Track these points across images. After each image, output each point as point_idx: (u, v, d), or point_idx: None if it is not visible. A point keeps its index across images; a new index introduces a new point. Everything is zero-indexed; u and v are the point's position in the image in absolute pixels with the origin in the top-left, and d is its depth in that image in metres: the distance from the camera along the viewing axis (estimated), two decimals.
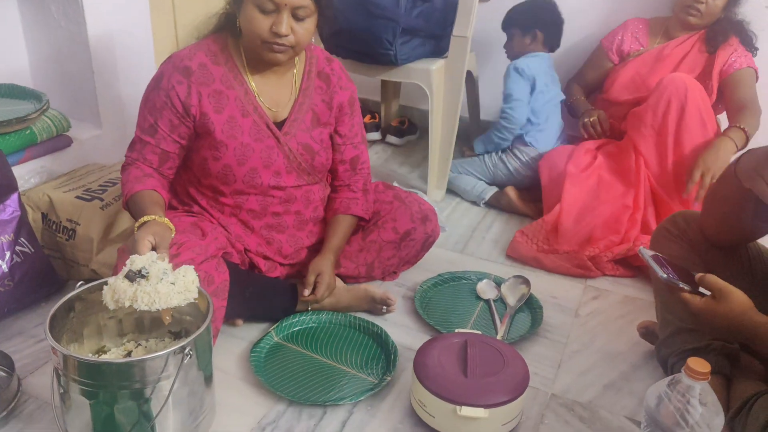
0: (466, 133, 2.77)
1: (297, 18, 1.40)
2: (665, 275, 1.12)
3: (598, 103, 2.37)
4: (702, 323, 1.18)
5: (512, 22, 2.37)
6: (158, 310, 1.13)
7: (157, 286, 1.12)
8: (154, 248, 1.21)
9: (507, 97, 2.27)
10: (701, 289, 1.12)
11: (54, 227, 1.71)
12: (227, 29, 1.52)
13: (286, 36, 1.39)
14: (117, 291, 1.13)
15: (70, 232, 1.68)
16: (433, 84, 2.19)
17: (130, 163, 1.50)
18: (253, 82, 1.52)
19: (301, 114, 1.56)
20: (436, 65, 2.20)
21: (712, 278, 1.11)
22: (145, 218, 1.30)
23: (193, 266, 1.22)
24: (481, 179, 2.35)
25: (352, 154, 1.67)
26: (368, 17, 2.11)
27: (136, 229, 1.30)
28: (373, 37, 2.11)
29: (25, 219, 1.63)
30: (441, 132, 2.29)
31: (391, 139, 2.85)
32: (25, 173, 1.82)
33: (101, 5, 1.97)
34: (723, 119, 2.10)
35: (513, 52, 2.38)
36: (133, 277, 1.14)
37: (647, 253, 1.18)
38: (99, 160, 2.03)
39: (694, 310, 1.12)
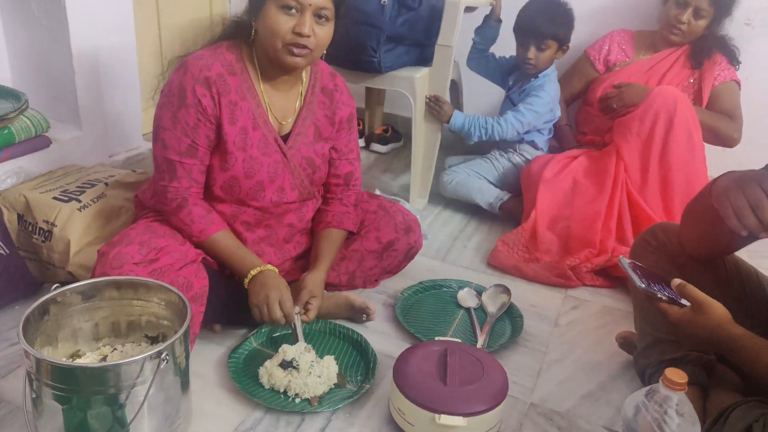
0: (450, 142, 2.78)
1: (318, 21, 1.40)
2: (643, 284, 1.13)
3: (583, 115, 2.40)
4: (680, 334, 1.18)
5: (551, 33, 2.14)
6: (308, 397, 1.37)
7: (307, 379, 1.37)
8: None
9: (530, 111, 2.19)
10: (681, 300, 1.13)
11: (30, 228, 1.69)
12: (240, 38, 1.49)
13: (308, 37, 1.38)
14: (273, 377, 1.38)
15: (47, 234, 1.65)
16: (417, 92, 2.20)
17: (184, 195, 1.45)
18: (265, 95, 1.50)
19: (304, 128, 1.56)
20: (420, 73, 2.20)
21: (692, 289, 1.11)
22: (254, 271, 1.46)
23: (333, 356, 1.45)
24: (487, 180, 2.32)
25: (346, 170, 1.67)
26: (353, 24, 2.10)
27: (247, 281, 1.46)
28: (358, 44, 2.11)
29: (0, 220, 1.60)
30: (424, 140, 2.30)
31: (375, 147, 2.85)
32: (2, 173, 1.79)
33: (83, 3, 1.95)
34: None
35: (540, 67, 2.21)
36: (286, 366, 1.38)
37: (626, 262, 1.19)
38: (78, 161, 2.00)
39: (672, 321, 1.13)
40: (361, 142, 2.88)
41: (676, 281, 1.14)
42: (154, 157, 1.48)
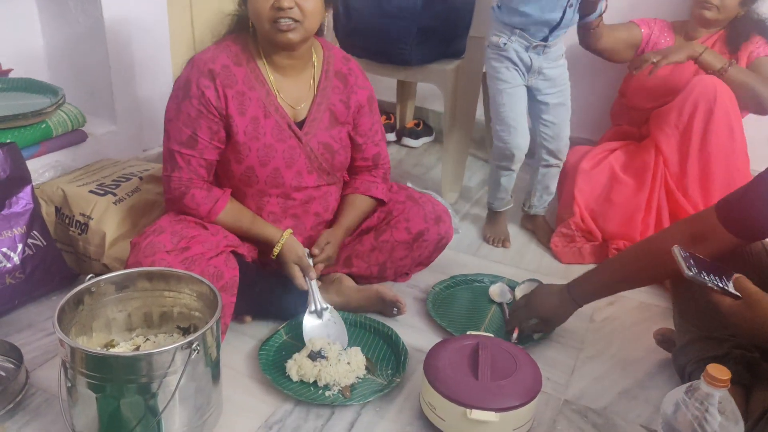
0: (480, 135, 2.75)
1: None
2: (691, 272, 1.09)
3: (619, 107, 2.34)
4: (731, 325, 1.15)
5: None
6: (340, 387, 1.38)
7: (337, 366, 1.37)
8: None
9: None
10: (733, 291, 1.10)
11: (67, 221, 1.72)
12: (243, 30, 1.51)
13: (290, 8, 1.36)
14: (303, 368, 1.38)
15: (83, 227, 1.68)
16: (449, 85, 2.17)
17: (187, 184, 1.48)
18: (274, 82, 1.50)
19: (319, 114, 1.55)
20: (452, 66, 2.18)
21: (744, 282, 1.08)
22: (277, 249, 1.52)
23: (359, 348, 1.45)
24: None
25: (373, 152, 1.67)
26: (384, 17, 2.10)
27: (275, 253, 1.52)
28: (389, 36, 2.10)
29: (38, 212, 1.64)
30: (456, 134, 2.27)
31: (407, 141, 2.84)
32: (40, 167, 1.83)
33: (119, 1, 1.98)
34: (749, 125, 2.05)
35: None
36: (315, 357, 1.39)
37: (680, 252, 1.14)
38: (113, 156, 2.04)
39: (723, 311, 1.10)
40: (393, 137, 2.87)
41: (736, 275, 1.11)
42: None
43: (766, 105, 1.98)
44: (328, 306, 1.54)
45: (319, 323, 1.51)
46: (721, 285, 1.10)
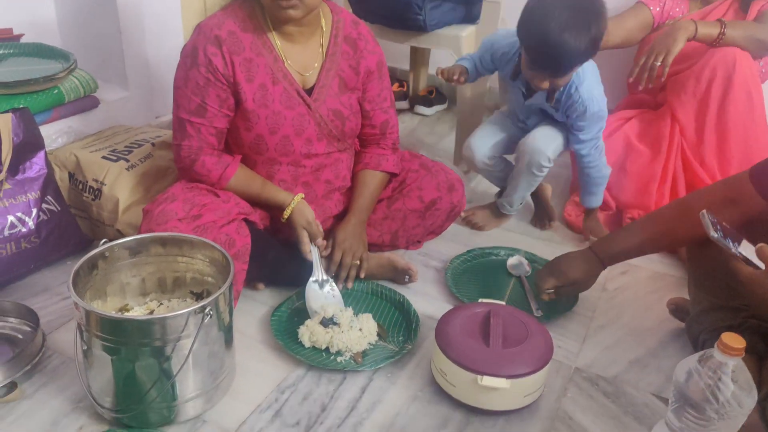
0: (495, 104, 2.71)
1: None
2: (716, 234, 1.09)
3: None
4: (748, 294, 1.14)
5: (581, 57, 1.57)
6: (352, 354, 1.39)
7: (349, 333, 1.39)
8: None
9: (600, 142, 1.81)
10: (755, 261, 1.09)
11: (80, 186, 1.72)
12: None
13: None
14: (315, 334, 1.39)
15: (96, 192, 1.69)
16: (463, 51, 2.13)
17: (197, 152, 1.47)
18: (282, 49, 1.48)
19: (328, 80, 1.53)
20: (467, 31, 2.14)
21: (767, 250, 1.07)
22: (286, 214, 1.52)
23: (371, 314, 1.46)
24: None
25: (381, 119, 1.64)
26: None
27: (285, 216, 1.52)
28: (402, 1, 2.06)
29: (51, 177, 1.64)
30: (469, 103, 2.24)
31: (420, 109, 2.81)
32: (53, 133, 1.83)
33: None
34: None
35: (562, 85, 1.67)
36: (327, 323, 1.41)
37: (708, 216, 1.13)
38: (125, 122, 2.03)
39: (742, 279, 1.09)
40: (405, 104, 2.84)
41: (760, 245, 1.10)
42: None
43: (760, 43, 1.90)
44: (330, 279, 1.54)
45: (319, 294, 1.51)
46: (743, 254, 1.09)
